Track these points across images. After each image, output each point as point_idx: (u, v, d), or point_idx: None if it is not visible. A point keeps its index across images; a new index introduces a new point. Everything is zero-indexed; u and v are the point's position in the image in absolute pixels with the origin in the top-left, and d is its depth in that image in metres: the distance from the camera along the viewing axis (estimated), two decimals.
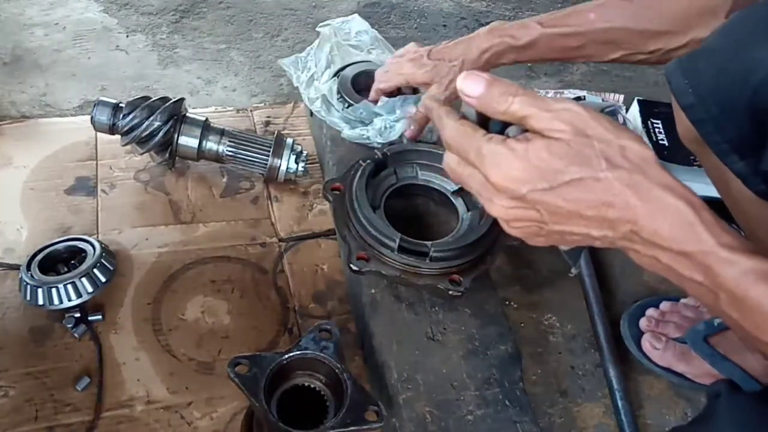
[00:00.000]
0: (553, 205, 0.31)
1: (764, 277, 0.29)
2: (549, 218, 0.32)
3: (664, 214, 0.30)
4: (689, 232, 0.30)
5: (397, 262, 0.57)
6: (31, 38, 0.92)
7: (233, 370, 0.49)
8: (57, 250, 0.63)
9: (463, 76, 0.32)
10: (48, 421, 0.54)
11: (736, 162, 0.42)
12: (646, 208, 0.30)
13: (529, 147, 0.31)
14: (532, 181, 0.31)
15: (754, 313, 0.29)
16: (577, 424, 0.57)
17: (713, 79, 0.41)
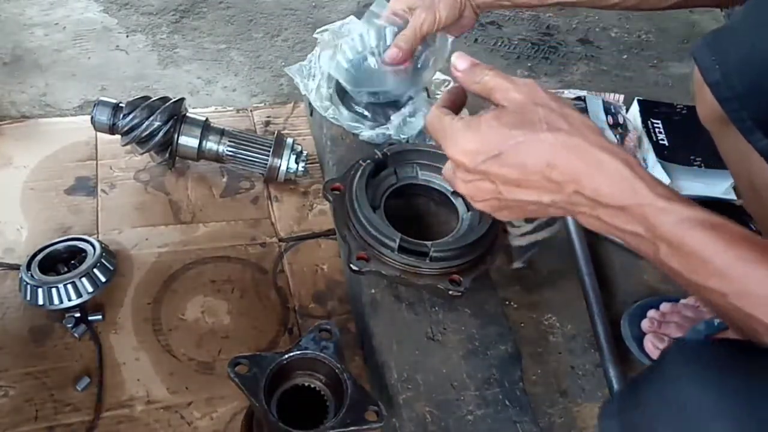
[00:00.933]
0: (501, 173, 0.34)
1: (699, 224, 0.31)
2: (503, 188, 0.34)
3: (603, 172, 0.32)
4: (627, 187, 0.32)
5: (397, 262, 0.57)
6: (31, 38, 0.92)
7: (233, 370, 0.49)
8: (57, 250, 0.63)
9: (456, 55, 0.37)
10: (48, 421, 0.54)
11: (761, 140, 0.42)
12: (586, 168, 0.32)
13: (482, 119, 0.34)
14: (483, 151, 0.34)
15: (691, 259, 0.31)
16: (577, 424, 0.57)
17: (740, 56, 0.41)
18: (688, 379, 0.34)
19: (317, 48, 0.77)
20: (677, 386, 0.34)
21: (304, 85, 0.76)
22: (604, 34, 1.14)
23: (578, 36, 1.13)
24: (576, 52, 1.10)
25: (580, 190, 0.33)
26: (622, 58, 1.10)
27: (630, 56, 1.11)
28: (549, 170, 0.33)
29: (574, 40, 1.12)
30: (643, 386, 0.38)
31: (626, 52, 1.11)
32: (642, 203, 0.32)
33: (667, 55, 1.12)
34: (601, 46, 1.11)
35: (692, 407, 0.33)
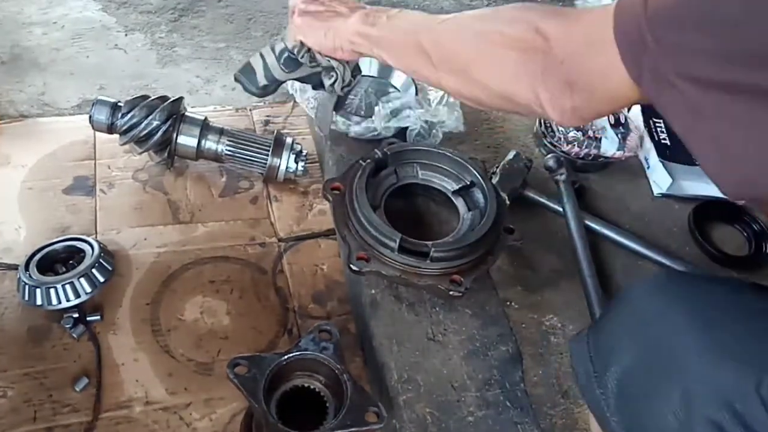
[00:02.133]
0: None
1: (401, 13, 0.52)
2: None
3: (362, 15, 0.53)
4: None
5: (398, 262, 0.56)
6: (30, 37, 0.92)
7: (232, 370, 0.49)
8: (55, 250, 0.63)
9: None
10: (46, 422, 0.54)
11: None
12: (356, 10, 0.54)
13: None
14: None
15: (397, 17, 0.51)
16: (578, 425, 0.57)
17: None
18: (654, 302, 0.38)
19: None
20: (643, 309, 0.38)
21: (290, 85, 0.75)
22: None
23: None
24: None
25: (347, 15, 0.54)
26: None
27: None
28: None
29: None
30: (610, 313, 0.42)
31: None
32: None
33: None
34: None
35: (657, 325, 0.37)
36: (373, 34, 0.51)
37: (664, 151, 0.81)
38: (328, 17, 0.54)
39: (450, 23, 0.46)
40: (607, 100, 0.38)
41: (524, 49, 0.40)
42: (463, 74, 0.45)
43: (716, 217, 0.79)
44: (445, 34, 0.46)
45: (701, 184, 0.81)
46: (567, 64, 0.38)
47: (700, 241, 0.75)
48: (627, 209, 0.78)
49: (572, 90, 0.38)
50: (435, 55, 0.46)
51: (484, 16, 0.45)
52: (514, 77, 0.41)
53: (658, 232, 0.76)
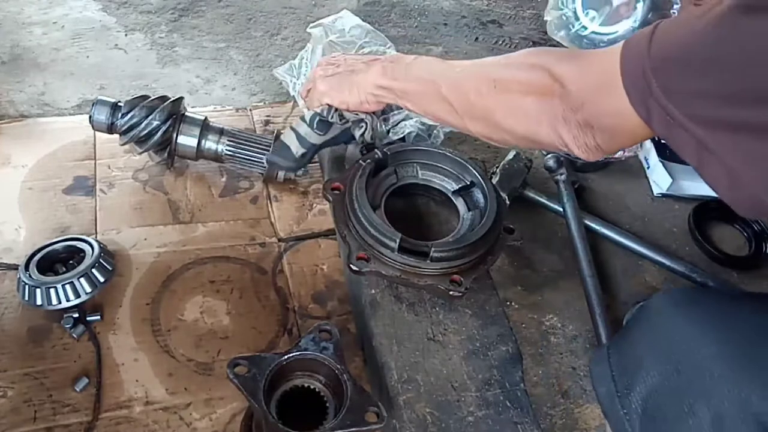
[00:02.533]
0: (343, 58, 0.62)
1: (420, 59, 0.56)
2: (340, 60, 0.61)
3: (384, 68, 0.57)
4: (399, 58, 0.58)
5: (398, 262, 0.56)
6: (30, 37, 0.92)
7: (232, 370, 0.49)
8: (55, 250, 0.63)
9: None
10: (46, 422, 0.54)
11: None
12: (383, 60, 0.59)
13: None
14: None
15: (403, 65, 0.56)
16: (578, 425, 0.57)
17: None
18: (675, 316, 0.40)
19: (309, 44, 0.76)
20: (665, 323, 0.40)
21: (292, 85, 0.75)
22: None
23: None
24: None
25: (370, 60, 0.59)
26: None
27: None
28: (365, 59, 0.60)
29: None
30: (633, 331, 0.43)
31: None
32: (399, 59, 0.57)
33: None
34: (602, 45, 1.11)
35: (680, 338, 0.38)
36: (395, 86, 0.55)
37: (664, 151, 0.81)
38: (347, 76, 0.58)
39: (468, 73, 0.49)
40: (628, 136, 0.39)
41: (542, 94, 0.42)
42: (486, 121, 0.47)
43: (716, 217, 0.79)
44: (465, 83, 0.48)
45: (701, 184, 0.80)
46: (585, 107, 0.40)
47: (699, 240, 0.75)
48: (627, 209, 0.78)
49: (593, 130, 0.40)
50: (457, 104, 0.49)
51: (500, 63, 0.48)
52: (535, 121, 0.43)
53: (658, 232, 0.76)
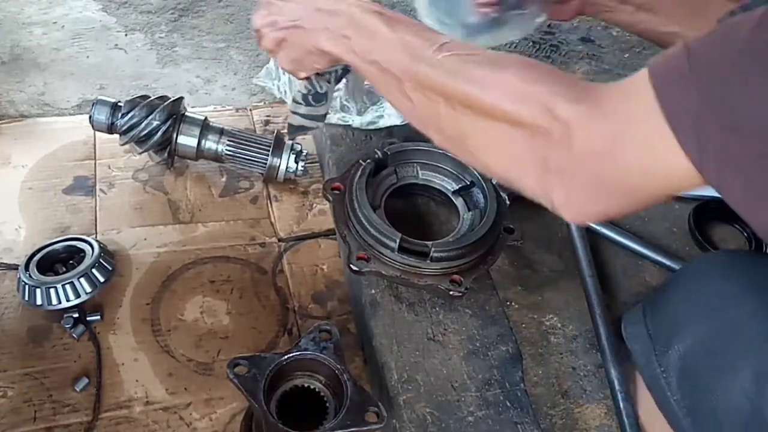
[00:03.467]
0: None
1: (373, 12, 0.42)
2: (276, 12, 0.46)
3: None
4: (342, 1, 0.44)
5: (398, 262, 0.56)
6: (30, 37, 0.92)
7: (232, 370, 0.49)
8: (55, 250, 0.63)
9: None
10: (46, 422, 0.54)
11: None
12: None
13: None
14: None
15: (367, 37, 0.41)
16: (578, 425, 0.57)
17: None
18: (715, 276, 0.38)
19: None
20: (704, 283, 0.39)
21: (276, 88, 0.75)
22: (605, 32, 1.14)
23: (580, 35, 1.12)
24: (577, 50, 1.09)
25: (315, 7, 0.45)
26: (623, 56, 1.09)
27: (632, 55, 1.10)
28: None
29: (575, 39, 1.11)
30: (671, 291, 0.41)
31: (628, 51, 1.11)
32: (345, 5, 0.43)
33: None
34: (603, 45, 1.11)
35: (720, 297, 0.37)
36: (348, 60, 0.43)
37: None
38: (298, 45, 0.47)
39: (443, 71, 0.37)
40: (647, 198, 0.31)
41: (534, 134, 0.32)
42: (456, 143, 0.38)
43: (716, 217, 0.79)
44: (436, 84, 0.37)
45: None
46: (595, 161, 0.30)
47: (700, 240, 0.75)
48: None
49: (599, 191, 0.31)
50: (422, 110, 0.39)
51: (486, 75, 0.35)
52: (519, 167, 0.34)
53: (658, 232, 0.76)
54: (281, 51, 0.48)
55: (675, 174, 0.29)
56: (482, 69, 0.36)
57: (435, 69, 0.38)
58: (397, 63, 0.40)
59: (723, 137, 0.27)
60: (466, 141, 0.37)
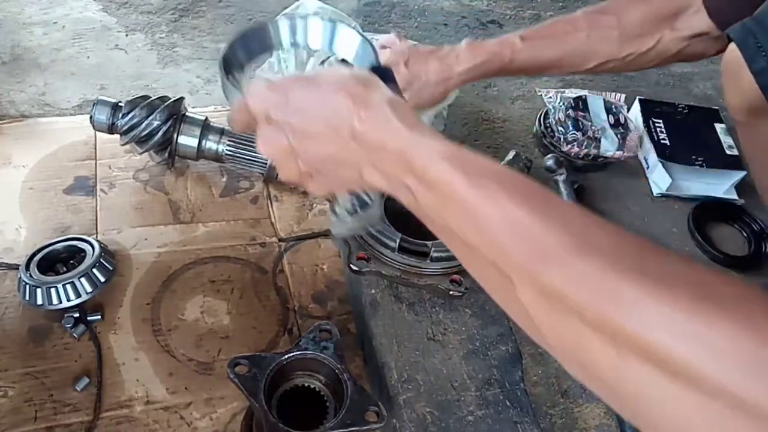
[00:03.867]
0: (288, 120, 0.32)
1: (449, 157, 0.28)
2: (294, 141, 0.32)
3: (372, 115, 0.30)
4: (390, 128, 0.30)
5: (398, 262, 0.57)
6: (30, 37, 0.92)
7: (233, 370, 0.49)
8: (56, 250, 0.63)
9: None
10: (47, 422, 0.54)
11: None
12: (359, 112, 0.31)
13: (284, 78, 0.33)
14: (272, 97, 0.32)
15: (440, 194, 0.28)
16: (578, 424, 0.57)
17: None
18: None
19: None
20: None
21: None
22: None
23: None
24: None
25: (357, 134, 0.31)
26: None
27: None
28: (327, 112, 0.31)
29: None
30: None
31: None
32: (398, 138, 0.30)
33: None
34: None
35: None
36: (416, 208, 0.29)
37: (663, 151, 0.81)
38: (332, 174, 0.33)
39: (603, 282, 0.22)
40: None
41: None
42: (616, 396, 0.23)
43: (715, 217, 0.80)
44: (588, 305, 0.22)
45: (700, 185, 0.81)
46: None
47: (699, 240, 0.75)
48: (626, 209, 0.78)
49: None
50: (548, 331, 0.24)
51: (687, 320, 0.20)
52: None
53: (658, 232, 0.76)
54: (311, 180, 0.35)
55: None
56: (674, 299, 0.21)
57: (578, 280, 0.23)
58: (497, 250, 0.26)
59: None
60: (635, 402, 0.22)
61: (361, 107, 0.31)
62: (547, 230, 0.24)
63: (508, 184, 0.26)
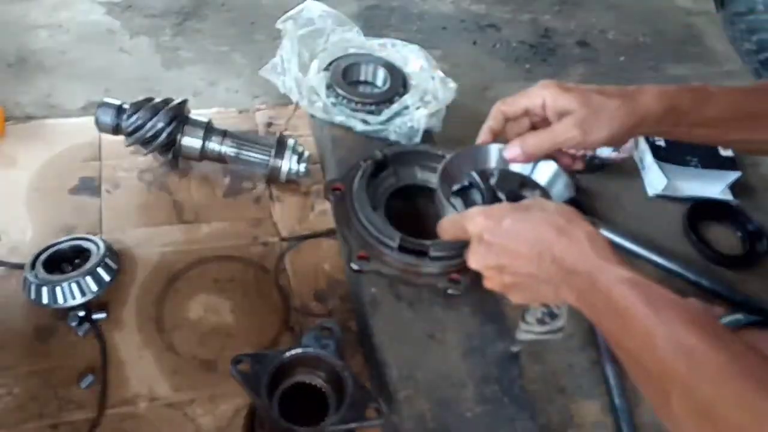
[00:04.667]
0: (500, 241, 0.42)
1: (629, 282, 0.35)
2: (504, 258, 0.42)
3: (570, 244, 0.39)
4: (583, 255, 0.39)
5: (398, 261, 0.58)
6: (36, 40, 0.93)
7: (236, 367, 0.50)
8: (61, 249, 0.64)
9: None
10: (52, 419, 0.55)
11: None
12: (557, 238, 0.40)
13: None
14: (489, 222, 0.43)
15: (618, 313, 0.35)
16: (574, 421, 0.58)
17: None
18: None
19: (285, 40, 0.77)
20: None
21: (282, 82, 0.77)
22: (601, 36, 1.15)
23: (576, 38, 1.14)
24: (574, 54, 1.10)
25: (555, 259, 0.40)
26: (619, 60, 1.11)
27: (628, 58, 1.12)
28: (534, 238, 0.40)
29: (572, 42, 1.13)
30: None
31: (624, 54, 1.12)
32: (589, 264, 0.38)
33: (665, 57, 1.13)
34: (599, 48, 1.12)
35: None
36: (591, 317, 0.37)
37: (658, 152, 0.82)
38: (533, 289, 0.42)
39: (734, 389, 0.27)
40: None
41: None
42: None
43: (710, 217, 0.81)
44: (721, 407, 0.27)
45: (696, 185, 0.82)
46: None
47: (694, 240, 0.76)
48: (622, 210, 0.79)
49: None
50: (691, 426, 0.28)
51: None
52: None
53: (654, 232, 0.77)
54: (512, 291, 0.44)
55: None
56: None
57: (730, 403, 0.27)
58: (659, 363, 0.30)
59: None
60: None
61: (563, 237, 0.39)
62: (704, 346, 0.30)
63: (672, 303, 0.33)
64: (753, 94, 0.51)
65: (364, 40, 0.83)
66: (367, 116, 0.75)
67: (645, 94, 0.49)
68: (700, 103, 0.49)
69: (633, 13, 1.21)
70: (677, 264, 0.71)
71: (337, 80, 0.76)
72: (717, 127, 0.50)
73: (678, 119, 0.49)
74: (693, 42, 1.17)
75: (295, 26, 0.79)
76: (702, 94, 0.49)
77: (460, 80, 0.80)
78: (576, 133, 0.48)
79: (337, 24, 0.81)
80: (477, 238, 0.43)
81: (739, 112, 0.50)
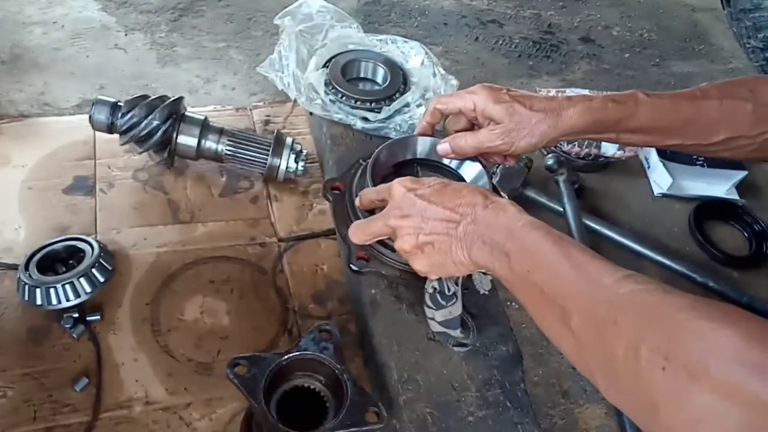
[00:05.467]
0: (426, 192, 0.45)
1: (543, 229, 0.41)
2: (426, 212, 0.45)
3: (496, 207, 0.43)
4: (507, 214, 0.43)
5: (398, 262, 0.56)
6: (30, 37, 0.92)
7: (232, 370, 0.49)
8: (55, 250, 0.63)
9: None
10: (46, 422, 0.54)
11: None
12: (485, 204, 0.44)
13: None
14: (416, 186, 0.47)
15: (530, 252, 0.40)
16: (578, 425, 0.57)
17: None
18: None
19: (283, 36, 0.76)
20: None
21: (279, 79, 0.75)
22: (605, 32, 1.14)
23: (580, 34, 1.12)
24: (578, 50, 1.09)
25: (473, 218, 0.44)
26: (623, 56, 1.10)
27: (632, 55, 1.10)
28: (461, 198, 0.44)
29: (575, 39, 1.11)
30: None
31: (628, 51, 1.11)
32: (507, 217, 0.43)
33: (669, 54, 1.11)
34: (603, 45, 1.11)
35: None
36: (502, 276, 0.40)
37: (664, 150, 0.81)
38: (444, 253, 0.44)
39: (627, 308, 0.31)
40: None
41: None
42: (634, 398, 0.30)
43: (716, 216, 0.79)
44: (612, 327, 0.30)
45: (701, 184, 0.81)
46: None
47: (700, 240, 0.75)
48: (627, 209, 0.78)
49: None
50: (589, 351, 0.32)
51: (702, 332, 0.28)
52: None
53: (659, 231, 0.76)
54: (421, 254, 0.46)
55: None
56: (691, 318, 0.29)
57: (619, 306, 0.32)
58: (564, 290, 0.35)
59: None
60: (655, 408, 0.28)
61: (489, 201, 0.44)
62: (599, 271, 0.37)
63: (574, 243, 0.40)
64: (684, 101, 0.53)
65: (364, 36, 0.81)
66: (366, 114, 0.73)
67: (569, 110, 0.52)
68: (626, 114, 0.52)
69: (638, 9, 1.20)
70: (683, 265, 0.70)
71: (336, 77, 0.75)
72: (649, 134, 0.54)
73: (605, 128, 0.53)
74: (698, 39, 1.15)
75: (294, 22, 0.78)
76: (629, 105, 0.52)
77: (461, 77, 0.79)
78: (499, 142, 0.53)
79: (337, 20, 0.80)
80: (401, 195, 0.46)
81: (669, 120, 0.52)
